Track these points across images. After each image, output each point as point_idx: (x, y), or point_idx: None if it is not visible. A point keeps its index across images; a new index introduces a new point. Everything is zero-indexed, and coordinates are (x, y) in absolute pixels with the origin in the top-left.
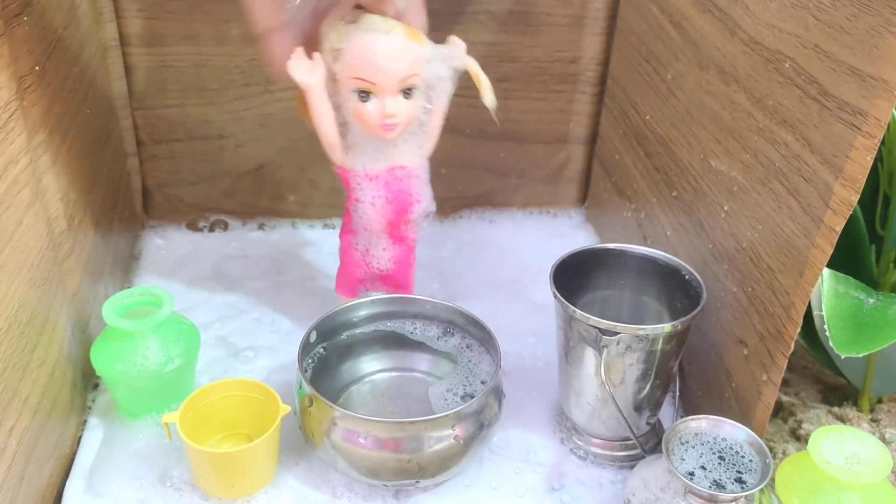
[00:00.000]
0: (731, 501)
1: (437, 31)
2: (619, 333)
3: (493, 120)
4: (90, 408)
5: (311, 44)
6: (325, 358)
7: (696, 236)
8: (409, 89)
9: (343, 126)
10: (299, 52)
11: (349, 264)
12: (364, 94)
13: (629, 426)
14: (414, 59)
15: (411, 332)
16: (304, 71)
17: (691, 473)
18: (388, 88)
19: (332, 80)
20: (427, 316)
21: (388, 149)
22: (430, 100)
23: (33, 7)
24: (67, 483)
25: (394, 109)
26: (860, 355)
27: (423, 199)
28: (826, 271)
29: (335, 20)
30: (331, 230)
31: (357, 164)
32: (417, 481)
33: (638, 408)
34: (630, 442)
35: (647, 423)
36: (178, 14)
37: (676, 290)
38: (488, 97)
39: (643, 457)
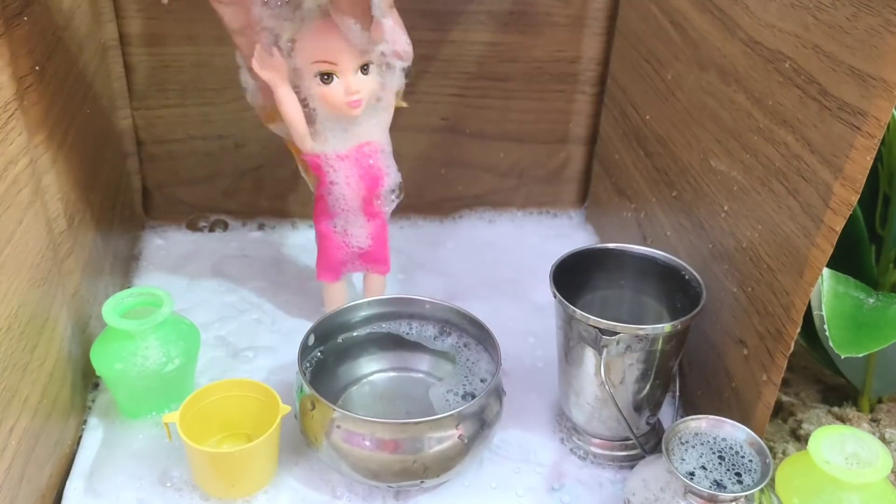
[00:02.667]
0: (731, 501)
1: (438, 31)
2: (618, 333)
3: (493, 120)
4: (90, 408)
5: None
6: (324, 360)
7: (696, 236)
8: (366, 65)
9: (308, 115)
10: (259, 48)
11: (330, 248)
12: (326, 77)
13: (629, 426)
14: (366, 37)
15: (407, 333)
16: (267, 65)
17: (691, 473)
18: (348, 66)
19: (293, 72)
20: (424, 316)
21: (353, 128)
22: (382, 74)
23: (33, 7)
24: (67, 483)
25: (357, 86)
26: (860, 355)
27: (391, 171)
28: (826, 271)
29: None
30: None
31: (327, 147)
32: (422, 482)
33: (638, 408)
34: (630, 442)
35: (647, 423)
36: (178, 14)
37: (676, 290)
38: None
39: (643, 457)
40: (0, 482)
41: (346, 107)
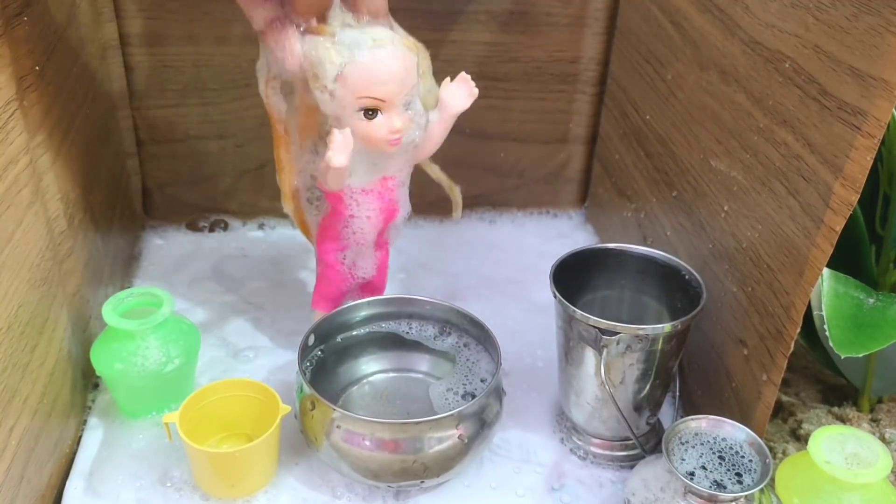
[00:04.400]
0: (731, 501)
1: (438, 31)
2: (619, 333)
3: (493, 120)
4: (90, 408)
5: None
6: (324, 360)
7: (696, 236)
8: (409, 100)
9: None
10: (341, 138)
11: (334, 279)
12: (371, 112)
13: (629, 426)
14: (414, 69)
15: (407, 333)
16: (344, 152)
17: (691, 473)
18: (396, 103)
19: (331, 99)
20: (423, 316)
21: (381, 161)
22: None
23: (33, 7)
24: (67, 483)
25: (401, 124)
26: (860, 355)
27: (405, 203)
28: (826, 271)
29: (313, 39)
30: None
31: (355, 179)
32: (422, 481)
33: (638, 408)
34: (630, 442)
35: (647, 423)
36: (178, 14)
37: (676, 290)
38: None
39: (643, 457)
40: (0, 482)
41: (385, 144)
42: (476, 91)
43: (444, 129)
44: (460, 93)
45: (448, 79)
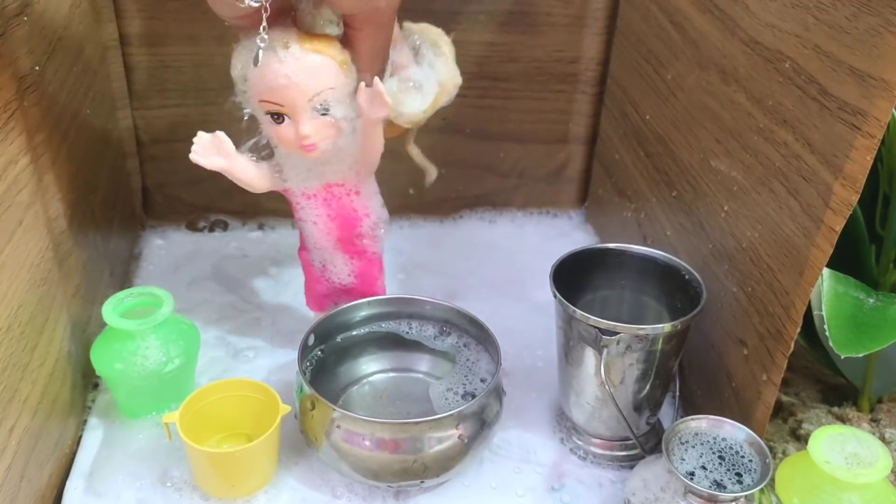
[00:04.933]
0: (731, 501)
1: None
2: (619, 333)
3: (493, 120)
4: (90, 408)
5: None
6: (324, 360)
7: (696, 236)
8: (324, 105)
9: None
10: (200, 137)
11: (311, 280)
12: (277, 116)
13: (629, 426)
14: (322, 74)
15: (407, 332)
16: (208, 154)
17: (691, 473)
18: (298, 108)
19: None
20: (423, 316)
21: (319, 167)
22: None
23: (33, 7)
24: (67, 483)
25: (309, 130)
26: (860, 355)
27: (371, 212)
28: (826, 271)
29: (242, 41)
30: None
31: (292, 183)
32: (422, 482)
33: (638, 408)
34: (630, 442)
35: (647, 423)
36: (178, 14)
37: (676, 290)
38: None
39: (643, 457)
40: (0, 482)
41: (300, 150)
42: (388, 100)
43: (371, 135)
44: (373, 101)
45: (363, 84)
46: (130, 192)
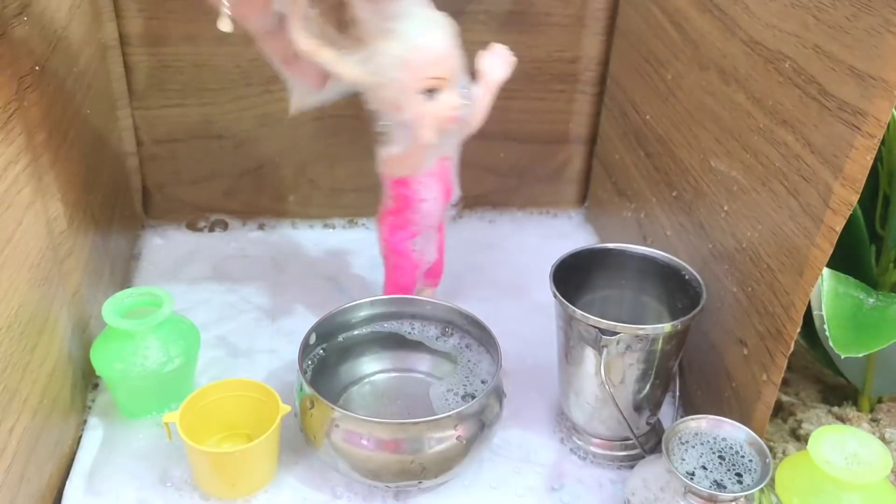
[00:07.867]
0: (731, 501)
1: None
2: (619, 333)
3: (493, 120)
4: (90, 408)
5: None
6: (325, 359)
7: (696, 236)
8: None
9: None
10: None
11: (408, 269)
12: (431, 92)
13: (629, 426)
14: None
15: (409, 333)
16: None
17: (691, 473)
18: (454, 76)
19: (390, 90)
20: (425, 316)
21: (441, 142)
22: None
23: (33, 7)
24: (67, 483)
25: (458, 99)
26: (860, 355)
27: (454, 178)
28: (826, 271)
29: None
30: (330, 230)
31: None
32: (420, 482)
33: (638, 408)
34: (630, 442)
35: (647, 423)
36: (178, 14)
37: (676, 290)
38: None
39: (643, 457)
40: (0, 482)
41: (447, 122)
42: (514, 59)
43: (490, 100)
44: (498, 62)
45: (483, 51)
46: (130, 191)
